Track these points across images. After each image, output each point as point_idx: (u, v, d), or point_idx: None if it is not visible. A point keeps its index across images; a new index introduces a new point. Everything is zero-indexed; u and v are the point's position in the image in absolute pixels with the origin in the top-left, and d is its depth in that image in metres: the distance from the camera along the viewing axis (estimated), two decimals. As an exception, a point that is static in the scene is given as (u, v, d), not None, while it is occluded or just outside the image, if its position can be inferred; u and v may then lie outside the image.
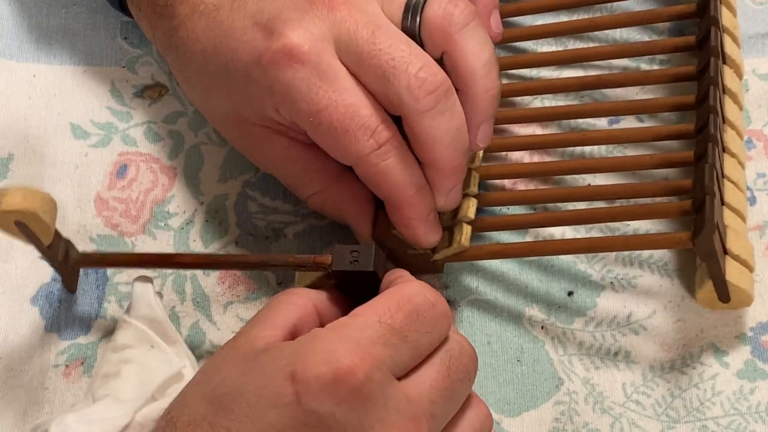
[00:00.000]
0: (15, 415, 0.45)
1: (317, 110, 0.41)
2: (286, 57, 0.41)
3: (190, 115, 0.50)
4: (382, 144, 0.41)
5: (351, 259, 0.40)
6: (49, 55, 0.53)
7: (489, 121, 0.43)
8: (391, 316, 0.35)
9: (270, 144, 0.45)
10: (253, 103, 0.43)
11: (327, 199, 0.45)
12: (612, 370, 0.45)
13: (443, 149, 0.41)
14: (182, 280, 0.47)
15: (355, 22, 0.41)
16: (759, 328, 0.46)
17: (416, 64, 0.40)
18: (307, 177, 0.45)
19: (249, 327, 0.38)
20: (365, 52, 0.40)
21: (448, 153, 0.42)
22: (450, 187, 0.43)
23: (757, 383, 0.44)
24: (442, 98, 0.41)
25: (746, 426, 0.43)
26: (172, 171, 0.49)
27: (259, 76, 0.42)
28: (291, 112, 0.42)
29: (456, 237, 0.44)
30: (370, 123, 0.41)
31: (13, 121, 0.50)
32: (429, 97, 0.40)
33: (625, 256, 0.47)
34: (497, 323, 0.46)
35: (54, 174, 0.49)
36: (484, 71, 0.42)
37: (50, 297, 0.47)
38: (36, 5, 0.54)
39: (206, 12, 0.44)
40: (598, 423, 0.44)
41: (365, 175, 0.42)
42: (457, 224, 0.45)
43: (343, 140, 0.41)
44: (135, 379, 0.42)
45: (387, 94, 0.41)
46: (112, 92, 0.51)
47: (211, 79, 0.44)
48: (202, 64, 0.44)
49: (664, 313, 0.46)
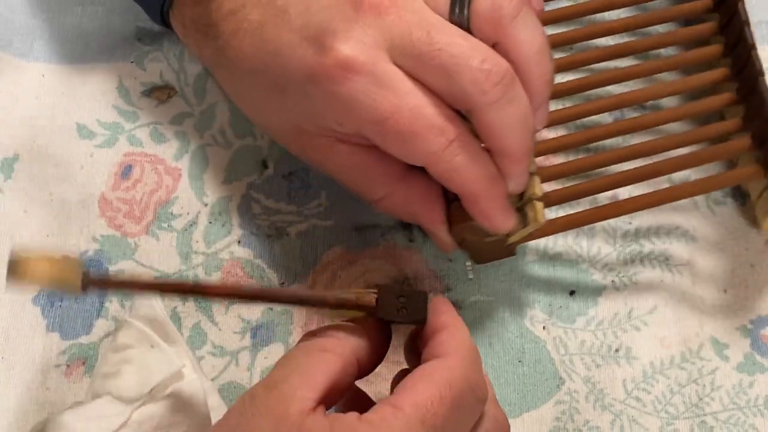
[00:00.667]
0: (16, 414, 0.44)
1: (382, 119, 0.40)
2: (341, 70, 0.40)
3: (197, 116, 0.51)
4: (452, 140, 0.40)
5: (398, 305, 0.39)
6: (60, 55, 0.53)
7: (545, 104, 0.43)
8: (434, 414, 0.34)
9: (332, 152, 0.44)
10: (314, 117, 0.42)
11: (395, 201, 0.45)
12: (613, 366, 0.45)
13: (514, 136, 0.41)
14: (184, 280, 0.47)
15: (407, 24, 0.40)
16: (759, 321, 0.46)
17: (478, 57, 0.40)
18: (371, 181, 0.44)
19: (283, 376, 0.36)
20: (424, 53, 0.40)
21: (520, 139, 0.41)
22: (522, 172, 0.43)
23: (756, 377, 0.45)
24: (509, 87, 0.40)
25: (745, 420, 0.44)
26: (177, 172, 0.50)
27: (316, 92, 0.41)
28: (355, 124, 0.41)
29: (530, 216, 0.44)
30: (436, 121, 0.40)
31: (20, 121, 0.50)
32: (496, 88, 0.40)
33: (626, 254, 0.48)
34: (499, 324, 0.47)
35: (59, 174, 0.49)
36: (538, 58, 0.42)
37: (52, 297, 0.47)
38: (53, 1, 0.54)
39: (250, 29, 0.43)
40: (598, 420, 0.44)
41: (439, 173, 0.41)
42: (528, 203, 0.45)
43: (412, 143, 0.40)
44: (134, 379, 0.42)
45: (452, 91, 0.40)
46: (120, 90, 0.51)
47: (266, 96, 0.44)
48: (254, 82, 0.44)
49: (665, 308, 0.46)
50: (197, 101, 0.51)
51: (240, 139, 0.50)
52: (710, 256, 0.48)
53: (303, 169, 0.50)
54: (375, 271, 0.48)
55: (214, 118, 0.51)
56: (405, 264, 0.48)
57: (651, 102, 0.50)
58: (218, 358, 0.46)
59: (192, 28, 0.46)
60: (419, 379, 0.35)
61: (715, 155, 0.47)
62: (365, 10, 0.40)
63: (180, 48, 0.52)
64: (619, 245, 0.48)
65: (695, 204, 0.49)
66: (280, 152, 0.50)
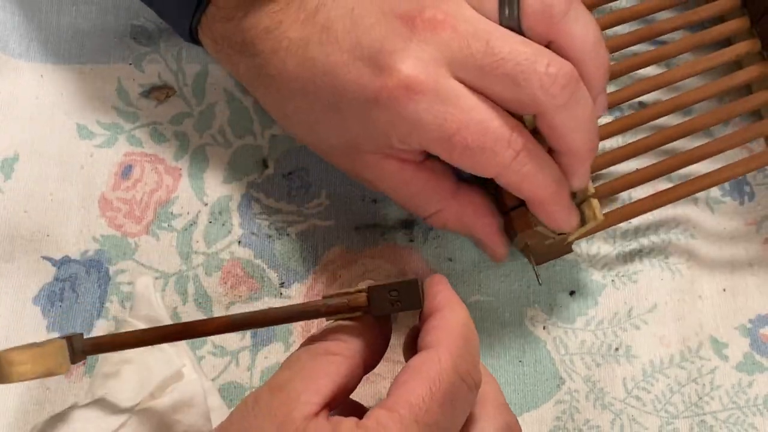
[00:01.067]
0: (16, 414, 0.44)
1: (449, 135, 0.40)
2: (404, 91, 0.39)
3: (196, 116, 0.51)
4: (520, 150, 0.40)
5: (391, 299, 0.38)
6: (57, 55, 0.52)
7: (604, 92, 0.43)
8: (427, 411, 0.35)
9: (383, 168, 0.44)
10: (374, 136, 0.42)
11: (449, 216, 0.45)
12: (613, 365, 0.45)
13: (582, 136, 0.41)
14: (184, 280, 0.47)
15: (463, 37, 0.40)
16: (758, 320, 0.46)
17: (543, 61, 0.39)
18: (423, 197, 0.44)
19: (288, 379, 0.36)
20: (487, 65, 0.40)
21: (587, 138, 0.41)
22: (587, 170, 0.43)
23: (755, 376, 0.45)
24: (575, 89, 0.40)
25: (744, 419, 0.44)
26: (177, 172, 0.50)
27: (378, 113, 0.41)
28: (421, 142, 0.41)
29: (588, 214, 0.44)
30: (503, 134, 0.40)
31: (20, 120, 0.50)
32: (564, 91, 0.40)
33: (626, 253, 0.48)
34: (499, 324, 0.47)
35: (59, 174, 0.49)
36: (593, 51, 0.41)
37: (52, 297, 0.47)
38: (47, 1, 0.54)
39: (292, 48, 0.42)
40: (599, 420, 0.44)
41: (509, 183, 0.41)
42: (584, 201, 0.45)
43: (481, 157, 0.40)
44: (134, 379, 0.42)
45: (519, 98, 0.40)
46: (119, 91, 0.51)
47: (318, 116, 0.43)
48: (304, 102, 0.43)
49: (665, 307, 0.47)
50: (196, 101, 0.51)
51: (239, 138, 0.50)
52: (710, 255, 0.48)
53: (303, 168, 0.50)
54: (375, 271, 0.48)
55: (214, 117, 0.51)
56: (405, 263, 0.48)
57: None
58: (218, 358, 0.46)
59: (225, 44, 0.45)
60: (410, 376, 0.36)
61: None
62: (420, 26, 0.40)
63: (177, 48, 0.52)
64: (619, 244, 0.48)
65: (695, 203, 0.49)
66: (280, 152, 0.50)
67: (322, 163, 0.50)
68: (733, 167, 0.46)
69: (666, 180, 0.49)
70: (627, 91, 0.49)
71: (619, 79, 0.50)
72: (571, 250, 0.47)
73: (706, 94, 0.48)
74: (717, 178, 0.46)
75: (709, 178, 0.46)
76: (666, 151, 0.49)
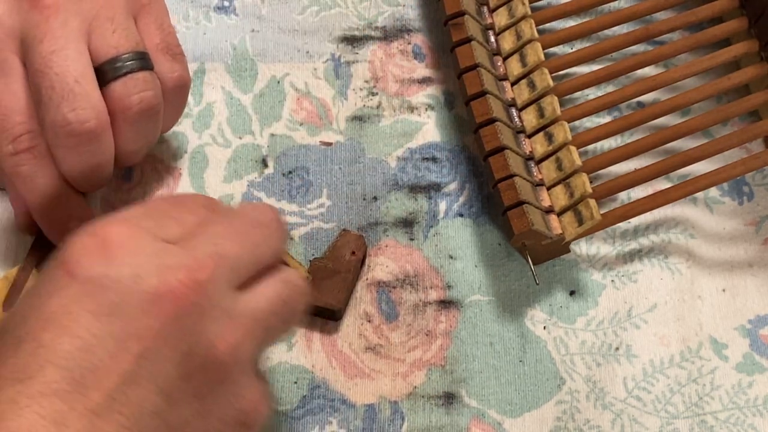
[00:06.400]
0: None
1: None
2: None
3: (195, 116, 0.51)
4: (21, 151, 0.42)
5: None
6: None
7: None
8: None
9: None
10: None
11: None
12: (613, 364, 0.46)
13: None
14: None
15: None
16: (757, 321, 0.47)
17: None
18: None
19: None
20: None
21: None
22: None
23: (755, 377, 0.45)
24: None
25: (744, 420, 0.44)
26: (177, 172, 0.50)
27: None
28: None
29: (585, 214, 0.45)
30: (13, 128, 0.42)
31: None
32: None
33: (625, 253, 0.48)
34: (499, 324, 0.47)
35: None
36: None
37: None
38: None
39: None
40: (599, 420, 0.44)
41: (5, 174, 0.43)
42: (581, 202, 0.45)
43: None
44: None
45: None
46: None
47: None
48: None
49: (665, 307, 0.47)
50: (195, 101, 0.51)
51: (239, 138, 0.50)
52: (709, 256, 0.48)
53: (303, 167, 0.50)
54: (376, 270, 0.48)
55: (212, 117, 0.51)
56: (406, 261, 0.48)
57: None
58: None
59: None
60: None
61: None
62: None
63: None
64: (618, 244, 0.48)
65: (694, 203, 0.49)
66: (280, 151, 0.50)
67: (323, 162, 0.50)
68: (732, 167, 0.47)
69: (665, 180, 0.49)
70: (625, 91, 0.49)
71: (618, 79, 0.51)
72: (569, 251, 0.47)
73: (705, 94, 0.48)
74: (715, 179, 0.47)
75: (708, 179, 0.47)
76: (665, 151, 0.49)
